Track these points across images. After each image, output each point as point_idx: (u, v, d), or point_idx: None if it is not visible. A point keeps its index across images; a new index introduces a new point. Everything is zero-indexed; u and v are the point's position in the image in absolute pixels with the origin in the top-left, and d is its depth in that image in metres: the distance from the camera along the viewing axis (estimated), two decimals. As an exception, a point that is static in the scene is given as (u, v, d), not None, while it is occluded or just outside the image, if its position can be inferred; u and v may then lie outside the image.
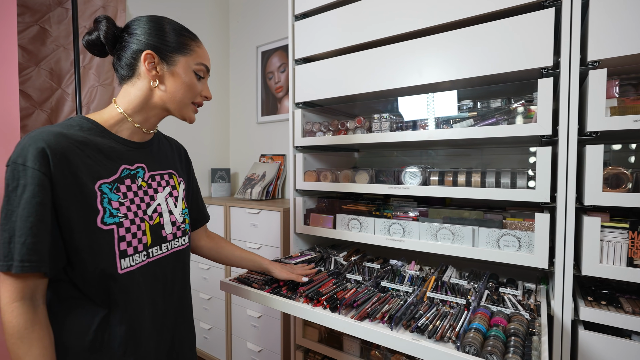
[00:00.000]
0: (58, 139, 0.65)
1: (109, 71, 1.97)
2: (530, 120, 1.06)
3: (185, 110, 0.81)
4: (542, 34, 1.00)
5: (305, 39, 1.51)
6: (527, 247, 1.05)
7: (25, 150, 0.62)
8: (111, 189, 0.71)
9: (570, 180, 0.97)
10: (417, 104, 1.28)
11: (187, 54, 0.78)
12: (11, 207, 0.61)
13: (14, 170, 0.62)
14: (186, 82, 0.78)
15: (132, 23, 0.77)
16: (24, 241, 0.60)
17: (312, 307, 1.03)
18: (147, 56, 0.74)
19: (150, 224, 0.77)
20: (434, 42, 1.18)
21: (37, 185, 0.61)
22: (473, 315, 0.91)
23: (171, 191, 0.86)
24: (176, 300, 0.86)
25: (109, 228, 0.69)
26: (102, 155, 0.71)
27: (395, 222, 1.29)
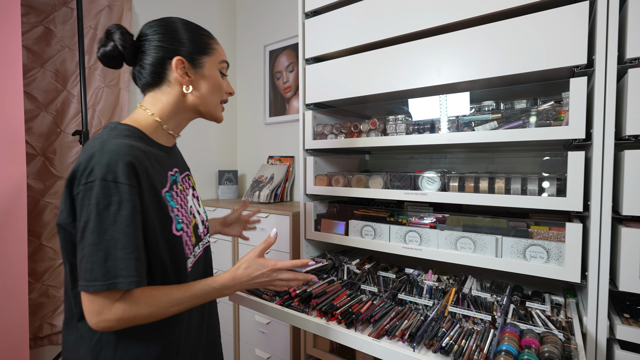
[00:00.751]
0: (136, 152, 0.65)
1: (115, 72, 1.93)
2: (560, 123, 0.98)
3: (215, 111, 0.82)
4: (575, 30, 0.92)
5: (316, 38, 1.45)
6: (557, 259, 0.98)
7: (112, 166, 0.60)
8: (170, 197, 0.73)
9: (605, 188, 0.90)
10: (435, 105, 1.21)
11: (211, 54, 0.78)
12: (104, 225, 0.59)
13: (104, 187, 0.60)
14: (215, 82, 0.79)
15: (148, 30, 0.75)
16: (133, 257, 0.60)
17: (326, 322, 0.97)
18: (178, 63, 0.73)
19: (192, 225, 0.80)
20: (454, 40, 1.11)
21: (132, 201, 0.61)
22: (501, 334, 0.84)
23: (193, 192, 0.87)
24: (206, 312, 0.90)
25: (179, 234, 0.72)
26: (158, 165, 0.72)
27: (412, 229, 1.22)
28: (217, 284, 0.71)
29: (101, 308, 0.60)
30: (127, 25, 1.95)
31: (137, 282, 0.61)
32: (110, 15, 1.89)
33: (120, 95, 1.96)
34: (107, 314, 0.61)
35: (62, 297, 1.83)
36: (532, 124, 1.02)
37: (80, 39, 1.65)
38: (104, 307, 0.60)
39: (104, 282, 0.59)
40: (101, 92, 1.88)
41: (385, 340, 0.88)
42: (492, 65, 1.05)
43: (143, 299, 0.63)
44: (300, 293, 1.10)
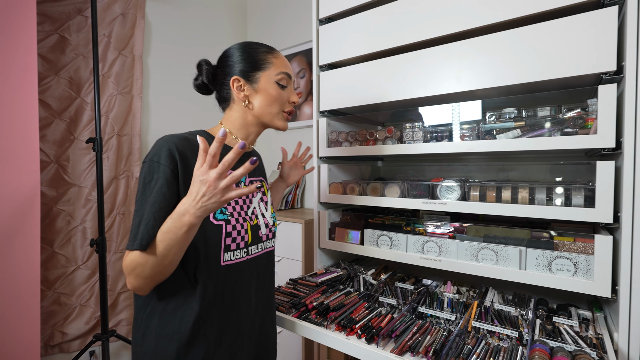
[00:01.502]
0: (184, 142, 0.76)
1: (128, 79, 1.94)
2: (587, 131, 0.95)
3: (276, 120, 0.89)
4: (603, 35, 0.90)
5: (330, 44, 1.43)
6: (585, 272, 0.94)
7: (160, 150, 0.73)
8: None
9: (637, 199, 0.86)
10: (454, 112, 1.18)
11: (267, 68, 0.86)
12: (145, 196, 0.71)
13: (150, 166, 0.72)
14: (272, 95, 0.86)
15: (221, 57, 0.89)
16: (147, 224, 0.68)
17: (345, 336, 0.94)
18: (234, 81, 0.85)
19: (250, 224, 0.86)
20: (474, 46, 1.09)
21: (165, 179, 0.71)
22: (530, 352, 0.81)
23: (262, 196, 0.95)
24: (266, 298, 0.93)
25: (219, 223, 0.78)
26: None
27: (430, 239, 1.19)
28: (176, 211, 0.67)
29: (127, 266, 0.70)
30: (140, 34, 1.97)
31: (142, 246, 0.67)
32: (124, 24, 1.91)
33: (133, 102, 1.97)
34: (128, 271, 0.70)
35: (74, 305, 1.82)
36: (556, 132, 0.99)
37: (95, 47, 1.66)
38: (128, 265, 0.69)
39: (132, 242, 0.68)
40: (114, 99, 1.89)
41: (408, 357, 0.85)
42: (515, 71, 1.02)
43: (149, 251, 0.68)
44: (317, 305, 1.07)
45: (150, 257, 0.68)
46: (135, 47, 1.96)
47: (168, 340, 0.75)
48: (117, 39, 1.89)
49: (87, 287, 1.84)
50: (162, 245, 0.67)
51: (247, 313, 0.86)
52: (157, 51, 2.11)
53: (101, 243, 1.65)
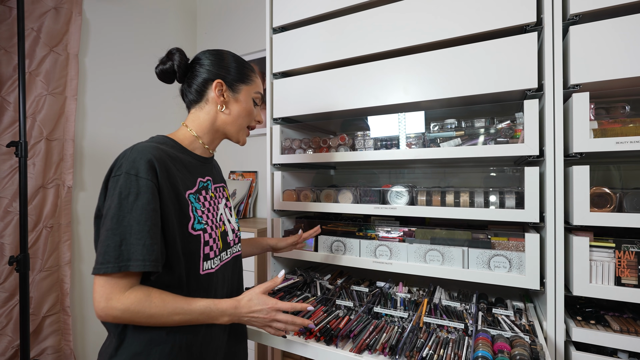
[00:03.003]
0: (159, 152, 0.72)
1: (61, 79, 1.77)
2: (516, 141, 1.07)
3: (241, 134, 0.92)
4: (526, 57, 1.02)
5: (284, 53, 1.45)
6: (518, 267, 1.04)
7: (137, 162, 0.68)
8: (195, 199, 0.80)
9: (558, 200, 0.99)
10: (402, 122, 1.26)
11: (249, 84, 0.89)
12: (122, 213, 0.65)
13: (127, 180, 0.67)
14: (246, 108, 0.89)
15: (202, 55, 0.88)
16: (144, 243, 0.64)
17: (305, 340, 0.94)
18: (217, 84, 0.85)
19: (219, 230, 0.86)
20: (420, 61, 1.17)
21: (150, 194, 0.67)
22: (475, 341, 0.87)
23: (226, 202, 0.95)
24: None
25: (197, 234, 0.77)
26: (185, 169, 0.80)
27: (382, 243, 1.24)
28: (219, 306, 0.74)
29: (111, 293, 0.64)
30: (77, 31, 1.82)
31: (150, 266, 0.64)
32: (57, 18, 1.75)
33: (67, 105, 1.80)
34: (116, 302, 0.64)
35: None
36: (490, 142, 1.10)
37: (21, 41, 1.49)
38: (114, 292, 0.64)
39: (116, 264, 0.63)
40: (43, 99, 1.71)
41: (366, 355, 0.87)
42: (455, 85, 1.12)
43: (154, 296, 0.67)
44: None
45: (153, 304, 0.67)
46: (70, 44, 1.80)
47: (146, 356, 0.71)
48: (48, 34, 1.72)
49: (4, 311, 1.61)
50: (184, 317, 0.70)
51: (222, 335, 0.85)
52: (96, 51, 1.96)
53: (23, 261, 1.46)
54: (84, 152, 1.90)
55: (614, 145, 0.91)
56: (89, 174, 1.92)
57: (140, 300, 0.66)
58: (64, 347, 1.79)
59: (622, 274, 0.92)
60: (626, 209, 0.93)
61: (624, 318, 1.01)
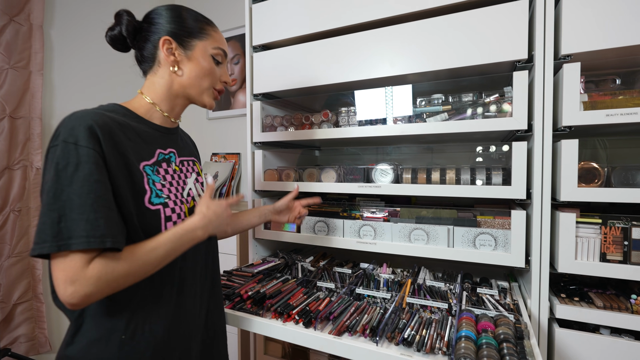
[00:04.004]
0: (103, 118, 0.64)
1: (24, 51, 1.65)
2: (505, 115, 1.03)
3: (204, 96, 0.82)
4: (516, 26, 0.97)
5: (265, 24, 1.37)
6: (504, 245, 1.02)
7: (75, 129, 0.60)
8: (152, 171, 0.73)
9: (545, 176, 0.96)
10: (388, 96, 1.20)
11: (204, 39, 0.79)
12: (60, 186, 0.58)
13: (64, 149, 0.59)
14: (205, 67, 0.79)
15: (151, 13, 0.79)
16: (87, 218, 0.58)
17: (282, 323, 0.90)
18: (164, 42, 0.76)
19: (187, 206, 0.79)
20: (406, 31, 1.11)
21: (92, 164, 0.60)
22: (459, 320, 0.85)
23: (197, 177, 0.88)
24: (209, 283, 0.86)
25: (155, 208, 0.70)
26: (140, 139, 0.73)
27: (366, 223, 1.20)
28: (185, 225, 0.71)
29: (73, 274, 0.56)
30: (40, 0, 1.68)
31: (96, 242, 0.57)
32: (17, -15, 1.61)
33: (32, 80, 1.67)
34: (82, 279, 0.56)
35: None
36: (479, 116, 1.06)
37: (-24, 8, 1.37)
38: (76, 272, 0.56)
39: (53, 242, 0.56)
40: (5, 74, 1.58)
41: (346, 337, 0.84)
42: (443, 57, 1.06)
43: (121, 255, 0.62)
44: (253, 294, 1.01)
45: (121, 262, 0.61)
46: (33, 14, 1.67)
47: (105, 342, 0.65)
48: (6, 3, 1.58)
49: (-29, 299, 1.53)
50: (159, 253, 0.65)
51: (193, 300, 0.80)
52: (64, 22, 1.82)
53: (-12, 245, 1.37)
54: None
55: (604, 117, 0.88)
56: (60, 155, 1.82)
57: (107, 264, 0.59)
58: (38, 335, 1.73)
59: (607, 250, 0.91)
60: (614, 184, 0.91)
61: (607, 294, 1.00)
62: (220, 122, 2.33)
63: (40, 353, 1.74)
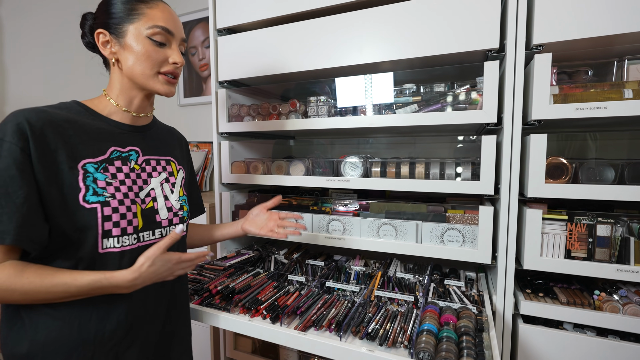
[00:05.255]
0: (40, 115, 0.64)
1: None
2: (475, 107, 0.99)
3: (152, 83, 0.75)
4: (489, 14, 0.92)
5: (230, 5, 1.28)
6: (471, 242, 1.00)
7: (5, 125, 0.61)
8: (97, 169, 0.70)
9: (514, 172, 0.93)
10: (358, 86, 1.15)
11: (136, 20, 0.72)
12: None
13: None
14: (139, 52, 0.72)
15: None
16: (8, 212, 0.59)
17: (250, 318, 0.88)
18: (98, 36, 0.73)
19: (142, 207, 0.75)
20: (375, 16, 1.05)
21: (12, 159, 0.60)
22: (423, 313, 0.85)
23: (167, 177, 0.84)
24: (169, 289, 0.81)
25: (91, 206, 0.67)
26: (87, 136, 0.70)
27: (335, 218, 1.16)
28: (112, 280, 0.65)
29: None
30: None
31: (8, 239, 0.58)
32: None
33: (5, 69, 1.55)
34: None
35: None
36: (449, 107, 1.02)
37: None
38: None
39: None
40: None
41: (312, 332, 0.83)
42: (413, 44, 1.01)
43: (28, 272, 0.61)
44: (222, 289, 0.99)
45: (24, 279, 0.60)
46: (-23, -10, 1.53)
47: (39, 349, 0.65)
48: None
49: None
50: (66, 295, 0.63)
51: (146, 306, 0.76)
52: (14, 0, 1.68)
53: None
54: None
55: (574, 112, 0.85)
56: (17, 144, 1.71)
57: (9, 276, 0.59)
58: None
59: (572, 246, 0.90)
60: (581, 180, 0.89)
61: (572, 289, 1.00)
62: (191, 109, 2.24)
63: None
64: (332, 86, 1.20)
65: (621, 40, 0.88)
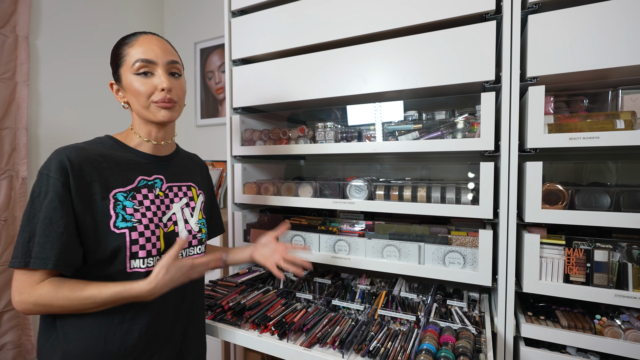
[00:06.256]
0: (79, 152, 0.73)
1: (10, 63, 1.66)
2: (474, 135, 1.04)
3: (149, 114, 0.81)
4: (484, 47, 0.98)
5: (244, 38, 1.38)
6: (472, 264, 1.03)
7: (50, 162, 0.70)
8: (126, 197, 0.77)
9: (512, 197, 0.97)
10: (363, 113, 1.21)
11: (123, 63, 0.79)
12: (34, 211, 0.69)
13: (39, 179, 0.70)
14: (132, 91, 0.79)
15: None
16: (38, 241, 0.68)
17: (259, 334, 0.94)
18: (111, 87, 0.84)
19: (164, 230, 0.82)
20: (378, 49, 1.12)
21: (55, 193, 0.69)
22: (423, 333, 0.88)
23: (188, 202, 0.91)
24: (187, 308, 0.88)
25: (121, 232, 0.74)
26: (118, 167, 0.78)
27: (341, 238, 1.21)
28: (131, 292, 0.72)
29: (23, 287, 0.68)
30: (26, 11, 1.69)
31: (50, 265, 0.67)
32: (2, -3, 1.62)
33: (18, 91, 1.69)
34: (27, 295, 0.67)
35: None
36: (448, 135, 1.07)
37: (-41, 22, 1.38)
38: (25, 286, 0.68)
39: (21, 259, 0.67)
40: (-10, 85, 1.60)
41: (316, 348, 0.87)
42: (414, 76, 1.07)
43: (63, 287, 0.68)
44: (234, 306, 1.06)
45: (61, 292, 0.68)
46: (18, 26, 1.68)
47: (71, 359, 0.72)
48: (-7, 14, 1.60)
49: (-43, 308, 1.55)
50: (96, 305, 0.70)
51: (164, 324, 0.82)
52: (49, 33, 1.84)
53: (-27, 256, 1.40)
54: (39, 141, 1.81)
55: (567, 141, 0.89)
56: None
57: (47, 293, 0.67)
58: (25, 342, 1.75)
59: (570, 271, 0.92)
60: (577, 206, 0.92)
61: (574, 313, 1.01)
62: (208, 129, 2.35)
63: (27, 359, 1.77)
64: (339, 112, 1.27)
65: (614, 73, 0.92)
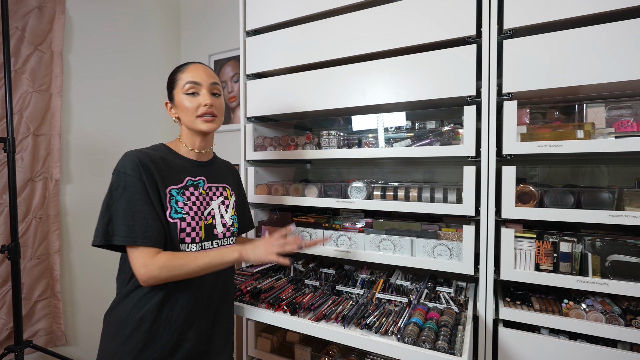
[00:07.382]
0: (144, 154, 0.92)
1: (46, 76, 1.85)
2: (459, 142, 1.19)
3: (195, 126, 1.00)
4: (466, 67, 1.13)
5: (257, 55, 1.54)
6: (457, 255, 1.17)
7: (125, 162, 0.89)
8: (178, 193, 0.96)
9: (491, 196, 1.11)
10: (363, 123, 1.37)
11: (176, 86, 1.00)
12: (112, 200, 0.87)
13: (117, 176, 0.88)
14: (183, 106, 0.99)
15: None
16: (127, 224, 0.85)
17: (273, 312, 1.11)
18: (166, 105, 1.05)
19: (205, 222, 1.00)
20: (376, 67, 1.28)
21: (134, 187, 0.87)
22: (413, 311, 1.03)
23: (223, 200, 1.09)
24: (221, 288, 1.05)
25: (174, 221, 0.93)
26: (172, 170, 0.97)
27: (343, 234, 1.36)
28: (226, 259, 0.94)
29: (145, 259, 0.85)
30: (60, 30, 1.88)
31: (131, 241, 0.84)
32: (41, 18, 1.81)
33: (52, 101, 1.88)
34: (151, 264, 0.85)
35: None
36: (436, 142, 1.22)
37: (6, 40, 1.57)
38: (147, 258, 0.85)
39: (103, 238, 0.85)
40: (29, 97, 1.79)
41: (322, 322, 1.04)
42: (406, 90, 1.23)
43: (177, 254, 0.89)
44: (251, 289, 1.23)
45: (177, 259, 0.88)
46: (54, 42, 1.87)
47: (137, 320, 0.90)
48: (32, 33, 1.79)
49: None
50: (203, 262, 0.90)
51: (201, 298, 0.99)
52: (80, 48, 2.03)
53: (14, 249, 1.57)
54: (70, 147, 1.99)
55: (536, 148, 1.04)
56: (76, 167, 2.01)
57: (168, 257, 0.87)
58: (56, 329, 1.92)
59: (540, 260, 1.06)
60: (546, 204, 1.06)
61: (547, 299, 1.15)
62: (221, 135, 2.52)
63: (57, 345, 1.93)
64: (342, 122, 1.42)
65: (581, 90, 1.06)
